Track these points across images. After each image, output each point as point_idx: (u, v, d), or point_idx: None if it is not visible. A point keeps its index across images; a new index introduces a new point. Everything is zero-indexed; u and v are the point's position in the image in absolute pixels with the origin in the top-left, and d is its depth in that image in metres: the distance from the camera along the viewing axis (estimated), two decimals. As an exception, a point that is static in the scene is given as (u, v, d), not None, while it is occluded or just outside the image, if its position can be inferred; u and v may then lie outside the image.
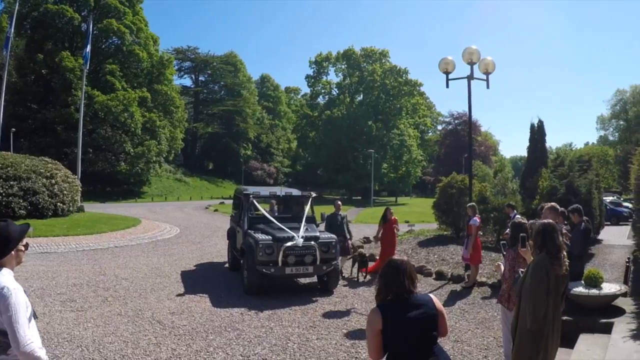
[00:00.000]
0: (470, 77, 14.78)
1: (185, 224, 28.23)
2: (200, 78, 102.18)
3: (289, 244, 11.00)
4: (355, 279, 13.33)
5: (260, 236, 11.37)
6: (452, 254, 15.67)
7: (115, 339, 7.86)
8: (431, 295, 3.67)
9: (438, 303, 3.60)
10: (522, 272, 5.09)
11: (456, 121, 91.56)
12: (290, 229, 11.64)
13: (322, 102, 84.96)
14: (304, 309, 10.11)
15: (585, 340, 6.78)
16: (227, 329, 8.58)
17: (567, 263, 4.80)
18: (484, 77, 15.02)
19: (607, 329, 7.19)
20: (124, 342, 7.69)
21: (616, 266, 14.45)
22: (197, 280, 12.93)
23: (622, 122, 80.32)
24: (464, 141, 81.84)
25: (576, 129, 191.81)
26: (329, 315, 9.75)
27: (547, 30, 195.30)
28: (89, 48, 34.75)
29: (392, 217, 13.88)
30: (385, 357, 3.54)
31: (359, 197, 75.85)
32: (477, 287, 12.12)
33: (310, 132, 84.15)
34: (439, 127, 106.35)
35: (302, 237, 11.24)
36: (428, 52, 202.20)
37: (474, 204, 13.22)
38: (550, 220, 5.06)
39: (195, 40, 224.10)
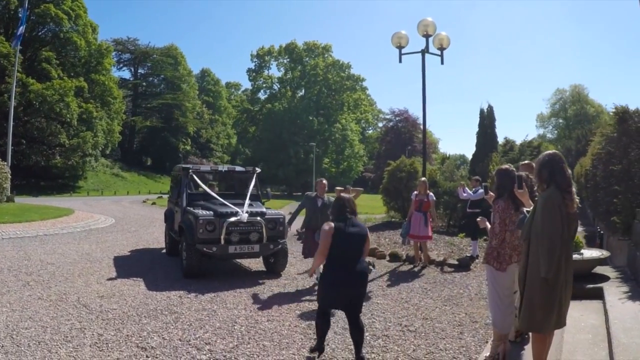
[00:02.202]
0: (424, 51, 14.19)
1: (121, 216, 26.88)
2: (139, 70, 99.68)
3: (232, 219, 10.02)
4: None
5: (200, 212, 10.37)
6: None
7: (33, 324, 6.84)
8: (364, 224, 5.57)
9: (367, 230, 5.55)
10: (527, 211, 4.34)
11: (397, 118, 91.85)
12: (233, 205, 10.68)
13: (263, 97, 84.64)
14: (251, 291, 9.19)
15: (575, 307, 6.31)
16: (163, 312, 7.62)
17: (578, 199, 4.08)
18: (438, 52, 14.49)
19: (593, 295, 6.88)
20: (42, 327, 6.69)
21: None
22: (132, 265, 11.85)
23: (561, 121, 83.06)
24: (404, 138, 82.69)
25: (515, 127, 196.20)
26: (278, 297, 8.86)
27: (487, 29, 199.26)
28: (22, 28, 32.63)
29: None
30: (325, 261, 5.30)
31: (300, 193, 75.14)
32: (434, 266, 11.60)
33: (250, 127, 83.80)
34: (380, 124, 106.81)
35: (247, 213, 10.30)
36: (372, 48, 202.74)
37: (424, 179, 12.48)
38: (556, 151, 4.33)
39: (135, 32, 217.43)
